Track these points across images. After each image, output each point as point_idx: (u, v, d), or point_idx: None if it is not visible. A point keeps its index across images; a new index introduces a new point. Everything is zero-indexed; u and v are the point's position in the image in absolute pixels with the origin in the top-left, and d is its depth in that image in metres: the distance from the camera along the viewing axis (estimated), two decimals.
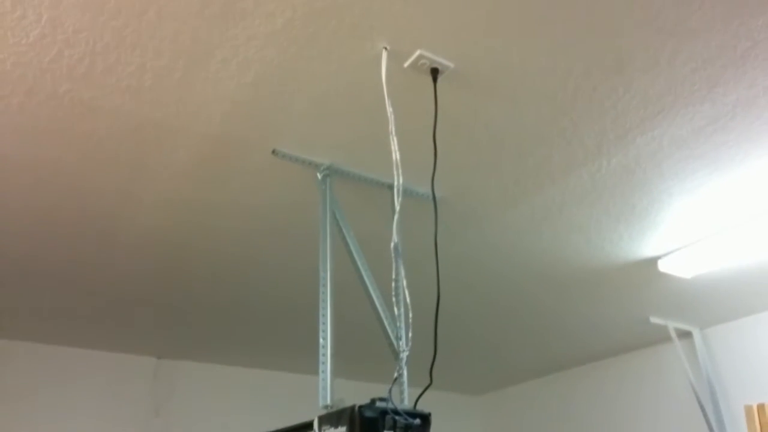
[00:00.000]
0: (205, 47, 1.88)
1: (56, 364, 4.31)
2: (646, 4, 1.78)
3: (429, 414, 1.77)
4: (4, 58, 1.88)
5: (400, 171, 2.01)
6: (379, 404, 1.71)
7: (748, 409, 3.51)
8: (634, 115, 2.22)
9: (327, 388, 2.02)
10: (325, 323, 2.15)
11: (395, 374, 1.98)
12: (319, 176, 2.46)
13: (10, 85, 1.99)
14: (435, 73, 2.00)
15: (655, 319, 4.09)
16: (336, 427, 1.75)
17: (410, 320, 2.01)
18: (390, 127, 2.02)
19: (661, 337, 4.40)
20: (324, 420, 1.82)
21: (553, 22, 1.84)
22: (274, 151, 2.36)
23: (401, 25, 1.83)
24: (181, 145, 2.32)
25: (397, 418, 1.69)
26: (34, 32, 1.80)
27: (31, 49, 1.85)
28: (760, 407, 3.45)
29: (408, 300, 2.04)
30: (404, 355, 2.06)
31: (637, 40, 1.91)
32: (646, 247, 3.15)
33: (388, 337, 2.20)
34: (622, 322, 4.19)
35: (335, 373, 2.07)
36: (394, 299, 2.17)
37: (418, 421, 1.72)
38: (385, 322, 2.21)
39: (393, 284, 2.18)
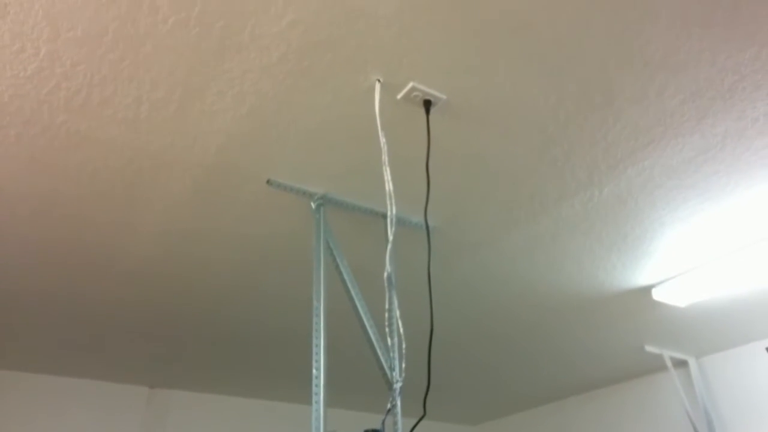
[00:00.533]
0: (202, 80, 1.91)
1: (48, 394, 4.26)
2: (633, 38, 1.82)
3: None
4: (2, 91, 1.91)
5: (394, 201, 2.02)
6: None
7: None
8: (624, 146, 2.25)
9: (320, 419, 2.01)
10: (318, 353, 2.15)
11: (389, 405, 1.97)
12: (314, 206, 2.47)
13: (8, 117, 2.01)
14: (428, 104, 2.03)
15: (650, 348, 4.08)
16: None
17: (404, 350, 2.01)
18: (383, 158, 2.04)
19: (657, 365, 4.39)
20: None
21: (543, 56, 1.87)
22: (268, 181, 2.38)
23: (394, 58, 1.86)
24: (176, 176, 2.33)
25: None
26: (33, 65, 1.82)
27: (29, 81, 1.88)
28: None
29: (401, 330, 2.04)
30: (398, 386, 2.05)
31: (626, 73, 1.94)
32: (639, 276, 3.16)
33: (381, 367, 2.19)
34: (617, 351, 4.17)
35: (329, 403, 2.06)
36: (387, 329, 2.17)
37: None
38: (379, 353, 2.20)
39: (386, 314, 2.18)
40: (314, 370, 2.11)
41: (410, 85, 1.95)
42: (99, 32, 1.73)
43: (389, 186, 2.02)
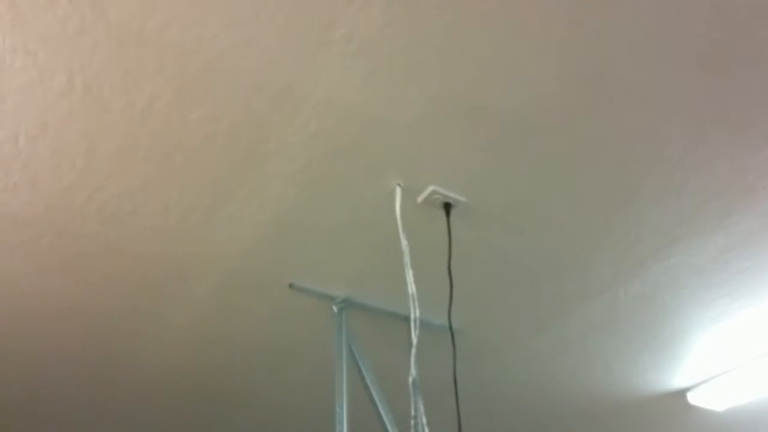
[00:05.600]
0: (228, 187, 1.97)
1: None
2: (649, 139, 1.86)
3: None
4: (38, 202, 1.98)
5: (417, 303, 2.00)
6: None
7: None
8: (647, 245, 2.24)
9: None
10: None
11: None
12: (335, 309, 2.46)
13: (42, 227, 2.06)
14: (448, 207, 2.06)
15: None
16: None
17: None
18: (405, 260, 2.05)
19: None
20: None
21: (560, 158, 1.91)
22: (290, 285, 2.39)
23: (414, 163, 1.91)
24: (199, 281, 2.35)
25: None
26: (69, 178, 1.90)
27: (65, 193, 1.95)
28: None
29: None
30: None
31: (644, 173, 1.97)
32: (673, 379, 3.04)
33: None
34: None
35: None
36: None
37: None
38: None
39: (412, 422, 2.10)
40: None
41: (430, 188, 1.99)
42: (132, 146, 1.82)
43: (412, 288, 2.01)
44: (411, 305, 2.00)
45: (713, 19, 1.56)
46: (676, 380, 3.06)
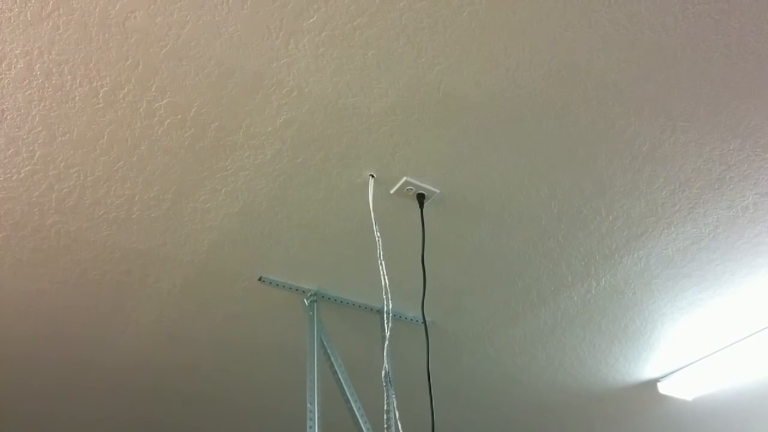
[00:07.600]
0: (195, 178, 1.92)
1: None
2: (620, 132, 1.86)
3: None
4: None
5: (389, 296, 1.98)
6: None
7: None
8: (618, 236, 2.25)
9: None
10: None
11: None
12: (307, 302, 2.42)
13: None
14: (421, 198, 2.04)
15: None
16: None
17: None
18: (378, 252, 2.02)
19: None
20: None
21: (533, 150, 1.91)
22: (260, 278, 2.34)
23: (387, 154, 1.89)
24: (166, 275, 2.29)
25: None
26: (26, 168, 1.83)
27: (21, 184, 1.88)
28: None
29: None
30: None
31: (615, 166, 1.97)
32: (644, 369, 3.08)
33: None
34: None
35: None
36: None
37: None
38: None
39: (385, 416, 2.08)
40: None
41: (403, 179, 1.97)
42: (94, 135, 1.76)
43: (385, 281, 1.99)
44: (384, 298, 1.98)
45: (683, 14, 1.56)
46: (646, 370, 3.10)
